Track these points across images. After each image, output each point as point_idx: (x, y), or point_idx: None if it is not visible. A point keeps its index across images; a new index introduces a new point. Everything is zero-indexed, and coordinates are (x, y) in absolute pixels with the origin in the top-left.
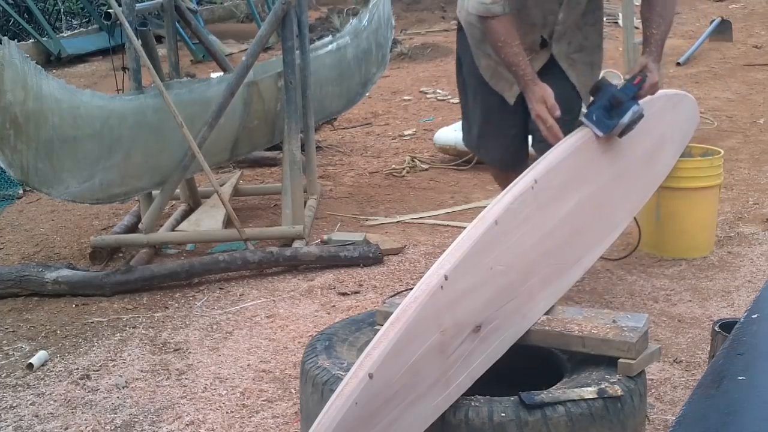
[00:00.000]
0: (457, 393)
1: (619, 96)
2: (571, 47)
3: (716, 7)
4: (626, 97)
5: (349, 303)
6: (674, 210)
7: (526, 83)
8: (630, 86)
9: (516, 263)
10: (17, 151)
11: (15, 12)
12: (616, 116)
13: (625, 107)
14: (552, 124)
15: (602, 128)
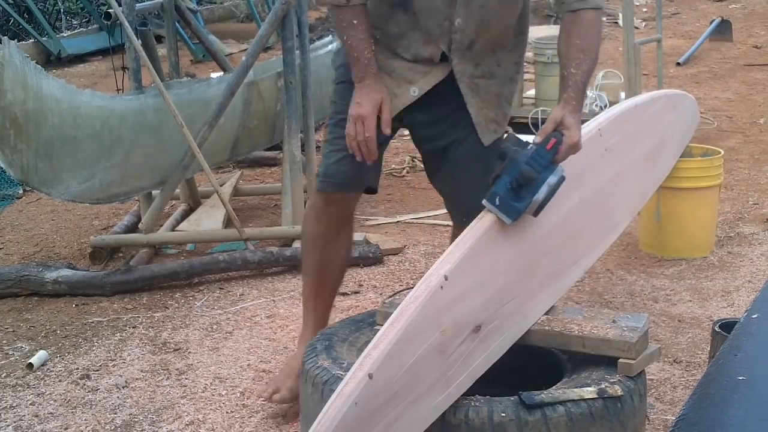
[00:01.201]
0: (457, 393)
1: (529, 172)
2: (478, 70)
3: (716, 7)
4: (538, 169)
5: (349, 303)
6: (674, 210)
7: (361, 77)
8: (542, 153)
9: (516, 263)
10: (17, 151)
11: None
12: (527, 195)
13: (537, 183)
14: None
15: (509, 214)
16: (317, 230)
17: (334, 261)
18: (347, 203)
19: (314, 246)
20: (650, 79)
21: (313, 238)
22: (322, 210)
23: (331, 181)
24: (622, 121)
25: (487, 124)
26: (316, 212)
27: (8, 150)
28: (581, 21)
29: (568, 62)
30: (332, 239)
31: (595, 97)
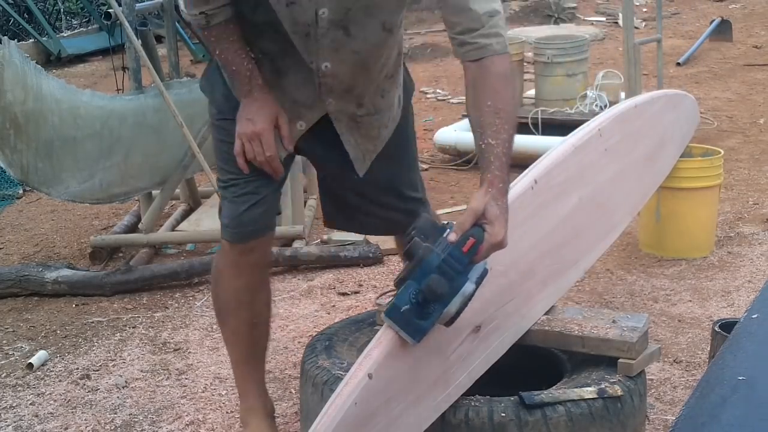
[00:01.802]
0: (457, 393)
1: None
2: (361, 109)
3: (716, 7)
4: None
5: (349, 303)
6: (674, 210)
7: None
8: (457, 256)
9: (516, 263)
10: (17, 151)
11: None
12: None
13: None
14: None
15: (413, 334)
16: (239, 286)
17: (264, 313)
18: (267, 245)
19: (240, 305)
20: (650, 79)
21: (237, 297)
22: (241, 262)
23: (248, 228)
24: (622, 121)
25: (364, 157)
26: (233, 268)
27: (8, 150)
28: (487, 73)
29: (483, 132)
30: (258, 289)
31: (595, 97)
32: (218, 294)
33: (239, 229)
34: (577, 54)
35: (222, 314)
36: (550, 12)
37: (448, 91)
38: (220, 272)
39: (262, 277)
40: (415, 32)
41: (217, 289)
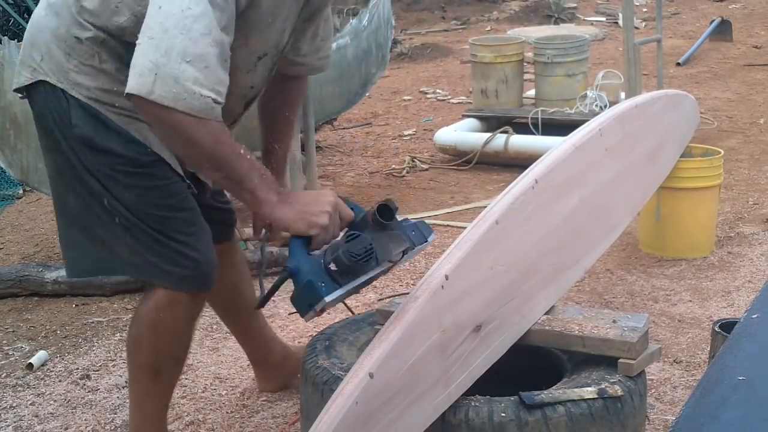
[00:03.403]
0: (458, 393)
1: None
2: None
3: (716, 7)
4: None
5: (349, 303)
6: (674, 210)
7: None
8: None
9: (517, 263)
10: (17, 151)
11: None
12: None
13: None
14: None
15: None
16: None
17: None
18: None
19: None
20: (650, 79)
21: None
22: (197, 313)
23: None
24: (623, 121)
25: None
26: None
27: (8, 150)
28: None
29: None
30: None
31: (595, 97)
32: (162, 349)
33: (208, 276)
34: (577, 54)
35: (163, 369)
36: (550, 12)
37: (447, 91)
38: (171, 326)
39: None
40: (415, 32)
41: (163, 343)
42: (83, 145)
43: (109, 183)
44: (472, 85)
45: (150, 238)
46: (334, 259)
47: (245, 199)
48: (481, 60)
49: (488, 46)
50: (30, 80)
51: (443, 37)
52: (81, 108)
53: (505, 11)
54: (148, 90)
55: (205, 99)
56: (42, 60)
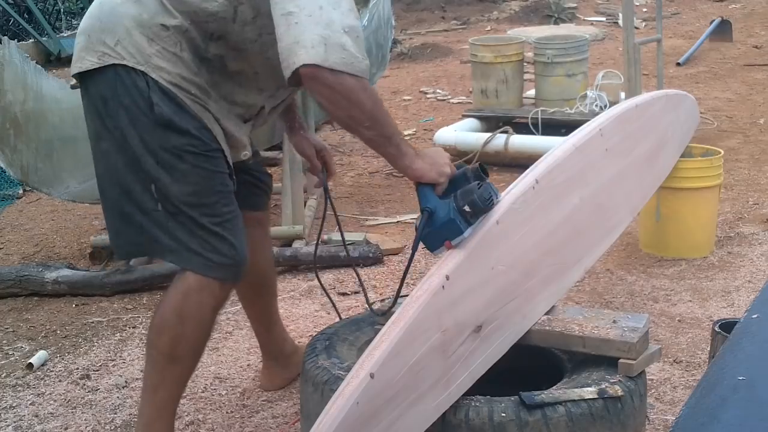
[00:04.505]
0: (458, 393)
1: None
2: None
3: (716, 7)
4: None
5: (349, 303)
6: (674, 210)
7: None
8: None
9: (517, 263)
10: (17, 150)
11: (15, 12)
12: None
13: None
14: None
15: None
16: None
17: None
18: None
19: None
20: (650, 79)
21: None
22: (222, 302)
23: (245, 264)
24: (623, 121)
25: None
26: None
27: (8, 150)
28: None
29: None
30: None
31: (595, 97)
32: (184, 335)
33: (241, 267)
34: (577, 54)
35: (181, 358)
36: (550, 12)
37: (447, 91)
38: (197, 313)
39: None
40: (415, 32)
41: (186, 330)
42: (160, 125)
43: (173, 164)
44: (472, 85)
45: (196, 224)
46: (469, 202)
47: (390, 153)
48: (481, 60)
49: (488, 46)
50: (97, 64)
51: (443, 37)
52: (161, 91)
53: (505, 11)
54: (323, 58)
55: (365, 63)
56: (117, 44)
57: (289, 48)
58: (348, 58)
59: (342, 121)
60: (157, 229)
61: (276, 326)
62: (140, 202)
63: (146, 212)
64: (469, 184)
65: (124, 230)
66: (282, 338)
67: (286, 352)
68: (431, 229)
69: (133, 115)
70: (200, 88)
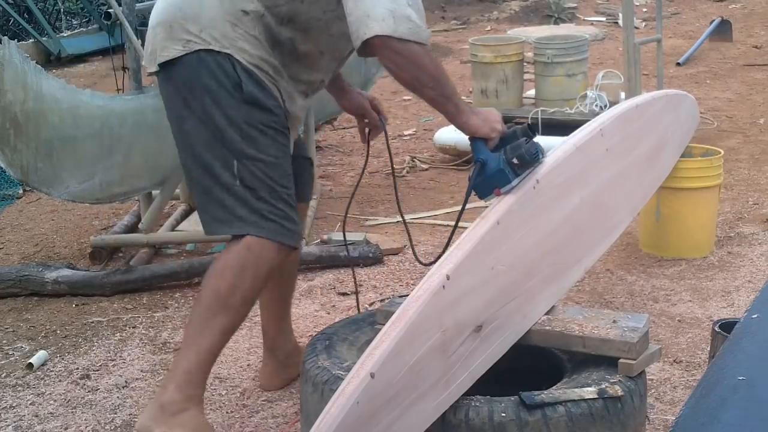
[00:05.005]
0: (458, 393)
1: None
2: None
3: (716, 7)
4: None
5: (349, 303)
6: (674, 210)
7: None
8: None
9: (517, 263)
10: (17, 150)
11: (15, 12)
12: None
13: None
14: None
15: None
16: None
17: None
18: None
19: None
20: (650, 79)
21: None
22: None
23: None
24: (623, 121)
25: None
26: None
27: (8, 150)
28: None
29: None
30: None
31: (595, 97)
32: (240, 286)
33: (299, 234)
34: (577, 54)
35: (232, 308)
36: (550, 12)
37: None
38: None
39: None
40: None
41: (243, 281)
42: (247, 102)
43: (256, 138)
44: (472, 85)
45: (276, 195)
46: (517, 155)
47: (450, 111)
48: (481, 60)
49: (488, 46)
50: (182, 52)
51: (443, 37)
52: (245, 71)
53: (505, 11)
54: (393, 29)
55: (428, 31)
56: (202, 31)
57: (359, 21)
58: (414, 28)
59: (408, 83)
60: (237, 202)
61: (287, 319)
62: (220, 177)
63: (226, 187)
64: (518, 140)
65: (207, 205)
66: (288, 333)
67: (288, 349)
68: (482, 177)
69: (218, 95)
70: (275, 68)
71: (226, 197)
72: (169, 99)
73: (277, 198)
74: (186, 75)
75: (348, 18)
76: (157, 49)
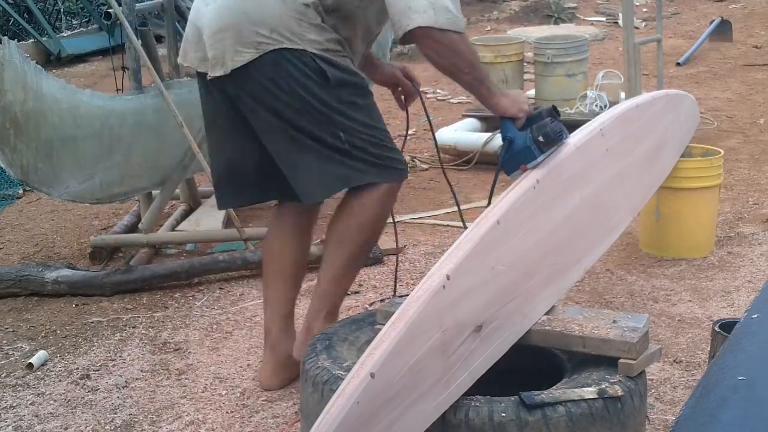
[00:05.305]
0: (458, 393)
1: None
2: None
3: (716, 7)
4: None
5: (349, 303)
6: (674, 210)
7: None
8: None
9: (518, 263)
10: (17, 150)
11: (15, 12)
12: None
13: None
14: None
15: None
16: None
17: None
18: None
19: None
20: (650, 79)
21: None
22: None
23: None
24: (624, 121)
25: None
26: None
27: (8, 150)
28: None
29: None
30: None
31: (595, 97)
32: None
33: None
34: (577, 54)
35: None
36: (550, 12)
37: (447, 91)
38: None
39: None
40: None
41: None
42: (335, 86)
43: (350, 111)
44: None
45: (382, 146)
46: (543, 134)
47: (482, 92)
48: (481, 60)
49: (488, 46)
50: (256, 54)
51: None
52: (321, 59)
53: (505, 11)
54: (434, 20)
55: (462, 21)
56: (272, 32)
57: (401, 12)
58: (452, 18)
59: (446, 69)
60: (352, 161)
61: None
62: (333, 145)
63: (341, 152)
64: (544, 120)
65: (327, 171)
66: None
67: (289, 349)
68: (510, 154)
69: (308, 85)
70: (340, 42)
71: (345, 159)
72: (253, 97)
73: (382, 147)
74: (267, 73)
75: (389, 9)
76: (226, 55)
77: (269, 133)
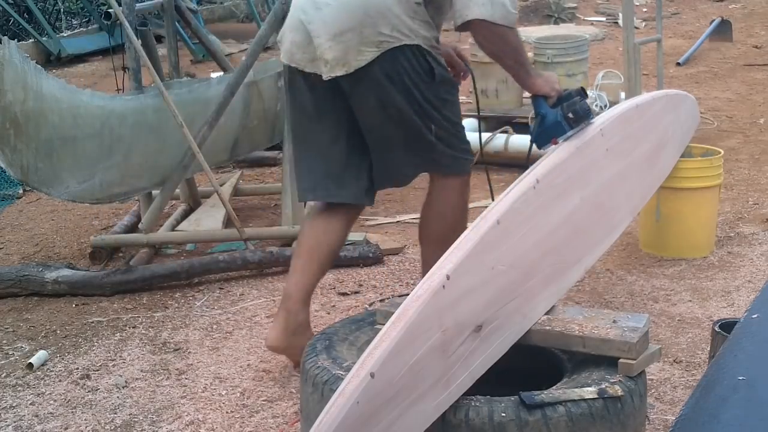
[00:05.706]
0: (458, 392)
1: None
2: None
3: (716, 7)
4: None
5: (349, 303)
6: (674, 210)
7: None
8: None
9: (518, 263)
10: (17, 150)
11: (15, 12)
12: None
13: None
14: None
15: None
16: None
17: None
18: None
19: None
20: (650, 79)
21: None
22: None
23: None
24: (624, 121)
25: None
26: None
27: (8, 150)
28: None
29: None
30: None
31: (595, 97)
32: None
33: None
34: (577, 54)
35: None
36: (550, 12)
37: None
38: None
39: None
40: None
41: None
42: (439, 82)
43: (443, 107)
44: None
45: (461, 140)
46: (572, 111)
47: (521, 75)
48: (481, 60)
49: None
50: (378, 52)
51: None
52: (431, 56)
53: None
54: (491, 14)
55: (516, 15)
56: (393, 30)
57: (464, 3)
58: (506, 14)
59: (493, 53)
60: (438, 152)
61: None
62: (426, 136)
63: (429, 142)
64: (573, 98)
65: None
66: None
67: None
68: (542, 129)
69: (416, 80)
70: (437, 39)
71: (433, 150)
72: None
73: (461, 141)
74: (385, 69)
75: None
76: (349, 55)
77: (373, 124)
